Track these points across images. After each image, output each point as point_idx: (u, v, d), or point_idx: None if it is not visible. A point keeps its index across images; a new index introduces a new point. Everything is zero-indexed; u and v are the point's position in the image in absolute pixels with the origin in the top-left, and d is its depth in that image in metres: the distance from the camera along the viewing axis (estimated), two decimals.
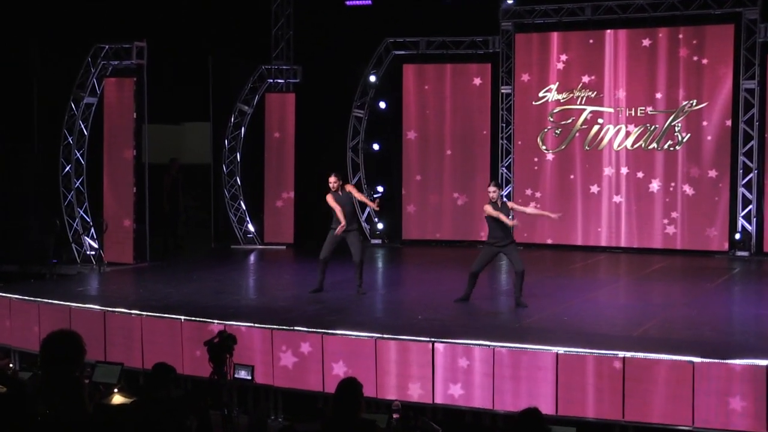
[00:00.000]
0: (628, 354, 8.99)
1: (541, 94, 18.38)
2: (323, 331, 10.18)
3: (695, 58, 17.21)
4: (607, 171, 17.92)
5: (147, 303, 11.84)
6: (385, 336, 9.92)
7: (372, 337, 9.91)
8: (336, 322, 10.74)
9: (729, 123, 17.03)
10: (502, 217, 11.69)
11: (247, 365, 8.29)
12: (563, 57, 18.18)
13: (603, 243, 18.00)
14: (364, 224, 19.52)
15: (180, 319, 10.89)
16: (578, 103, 18.11)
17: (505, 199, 12.02)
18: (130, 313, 11.27)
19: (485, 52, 18.95)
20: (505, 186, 18.94)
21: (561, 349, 9.22)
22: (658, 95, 17.50)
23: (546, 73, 18.35)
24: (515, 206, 12.13)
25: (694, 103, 17.21)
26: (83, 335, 5.44)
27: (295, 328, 10.33)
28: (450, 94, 19.07)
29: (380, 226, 19.37)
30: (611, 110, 17.86)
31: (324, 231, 19.97)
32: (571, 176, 18.16)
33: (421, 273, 15.64)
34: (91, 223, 16.13)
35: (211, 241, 18.92)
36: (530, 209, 12.71)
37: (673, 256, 17.15)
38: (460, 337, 9.82)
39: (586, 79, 17.99)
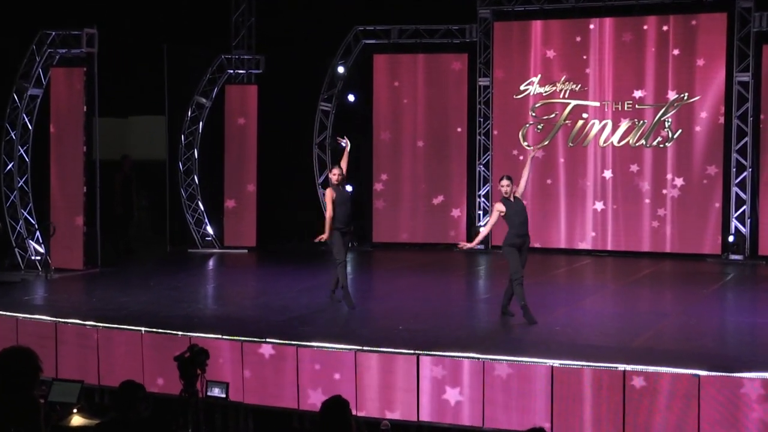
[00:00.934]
0: (629, 367, 8.95)
1: (522, 87, 18.37)
2: (297, 343, 10.05)
3: (686, 50, 17.28)
4: (592, 169, 17.95)
5: (102, 313, 11.64)
6: (365, 348, 9.80)
7: (351, 349, 9.80)
8: (310, 333, 10.62)
9: (722, 118, 17.13)
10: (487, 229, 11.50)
11: (221, 382, 8.14)
12: (545, 47, 18.19)
13: (587, 246, 18.04)
14: None
15: (140, 330, 10.71)
16: (561, 96, 18.13)
17: (516, 195, 11.86)
18: (85, 325, 11.06)
19: (462, 42, 18.93)
20: (483, 185, 18.93)
21: (556, 362, 9.17)
22: (647, 88, 17.56)
23: (527, 64, 18.35)
24: (518, 189, 11.93)
25: (684, 97, 17.29)
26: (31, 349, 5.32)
27: (267, 340, 10.18)
28: (424, 86, 19.03)
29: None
30: (597, 104, 17.91)
31: (289, 233, 20.14)
32: (554, 175, 18.17)
33: (394, 279, 15.55)
34: (36, 226, 15.84)
35: (167, 244, 18.70)
36: (525, 171, 12.41)
37: (662, 259, 17.23)
38: (447, 349, 9.73)
39: (569, 71, 18.01)
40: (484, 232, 11.79)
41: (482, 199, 18.99)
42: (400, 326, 11.10)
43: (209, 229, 18.76)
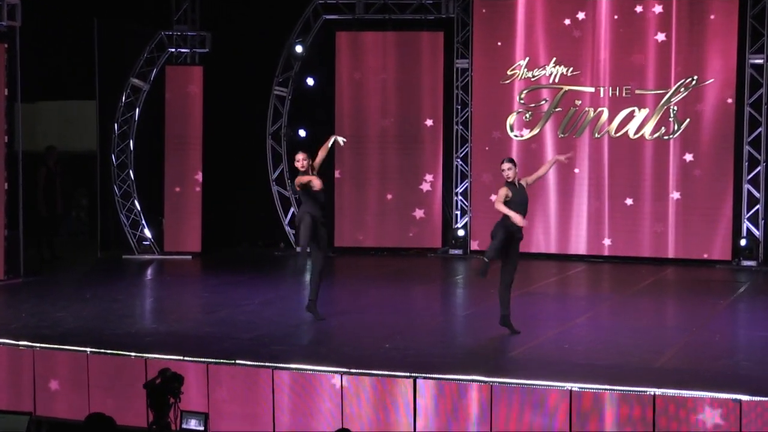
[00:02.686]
0: (659, 391, 8.86)
1: (509, 72, 18.26)
2: (273, 365, 9.84)
3: (693, 28, 17.31)
4: (586, 163, 17.92)
5: (36, 331, 11.36)
6: (353, 371, 9.62)
7: (338, 372, 9.61)
8: (285, 353, 10.43)
9: (733, 106, 17.19)
10: (508, 212, 11.43)
11: (199, 413, 7.92)
12: (533, 25, 18.12)
13: (581, 251, 18.01)
14: (287, 228, 19.21)
15: (86, 351, 10.42)
16: (551, 81, 18.08)
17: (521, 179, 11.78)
18: (17, 345, 10.74)
19: (437, 18, 18.82)
20: (460, 182, 18.83)
21: (575, 386, 9.05)
22: (649, 72, 17.56)
23: (511, 45, 18.26)
24: (529, 179, 11.83)
25: (691, 82, 17.32)
26: None
27: (237, 361, 9.96)
28: (393, 68, 18.87)
29: None
30: (591, 90, 17.88)
31: (239, 236, 19.91)
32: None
33: (365, 289, 15.44)
34: None
35: (97, 250, 18.36)
36: (543, 168, 12.35)
37: (665, 266, 17.26)
38: (446, 371, 9.59)
39: (560, 52, 17.96)
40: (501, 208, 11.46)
41: (459, 197, 18.88)
42: (387, 344, 10.94)
43: (147, 232, 18.44)
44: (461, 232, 18.59)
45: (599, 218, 17.84)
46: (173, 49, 18.63)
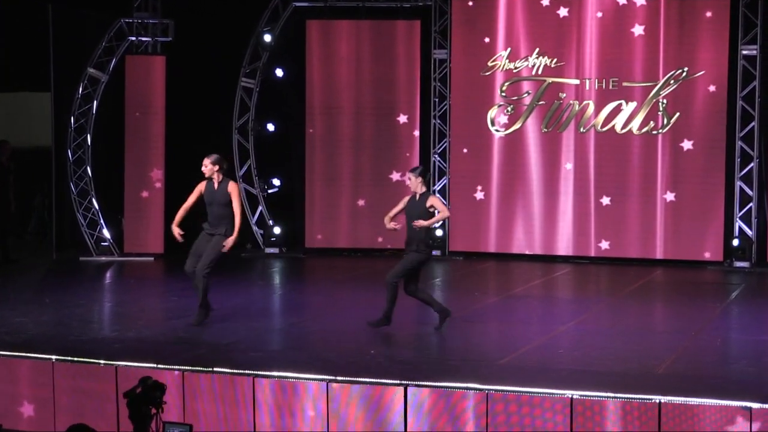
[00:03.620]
0: (664, 398, 8.86)
1: (490, 63, 18.24)
2: (253, 372, 9.76)
3: (683, 17, 17.36)
4: (571, 159, 17.94)
5: None
6: (339, 379, 9.55)
7: (323, 380, 9.54)
8: (263, 359, 10.36)
9: (725, 99, 17.26)
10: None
11: (183, 424, 7.79)
12: (515, 13, 18.12)
13: (564, 251, 18.04)
14: (255, 228, 19.10)
15: (51, 359, 10.29)
16: (534, 73, 18.08)
17: (430, 197, 11.94)
18: None
19: (413, 6, 18.80)
20: (439, 179, 18.80)
21: (576, 393, 9.04)
22: (637, 63, 17.60)
23: (493, 34, 18.24)
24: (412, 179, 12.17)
25: (681, 74, 17.38)
26: None
27: (216, 369, 9.87)
28: (367, 59, 18.81)
29: (276, 230, 18.94)
30: (576, 82, 17.91)
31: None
32: (524, 166, 18.12)
33: (338, 292, 15.41)
34: None
35: (53, 251, 18.18)
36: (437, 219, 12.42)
37: (653, 267, 17.32)
38: (437, 377, 9.55)
39: (543, 42, 17.97)
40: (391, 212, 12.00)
41: (437, 195, 18.81)
42: (372, 351, 10.89)
43: (105, 233, 18.26)
44: (439, 232, 18.54)
45: (585, 217, 17.86)
46: (134, 38, 18.46)
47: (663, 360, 10.48)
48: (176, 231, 12.18)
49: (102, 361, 10.18)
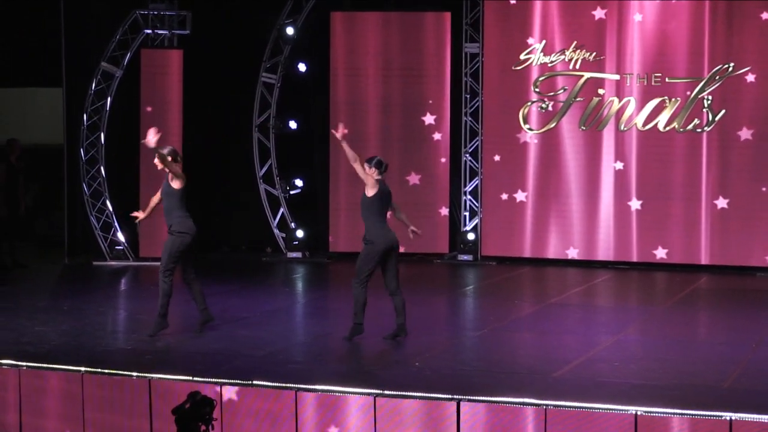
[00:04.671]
0: (735, 415, 8.80)
1: (522, 57, 18.22)
2: (296, 386, 9.72)
3: (732, 12, 17.30)
4: (611, 159, 17.88)
5: (19, 348, 11.19)
6: (386, 393, 9.51)
7: (370, 393, 9.49)
8: (304, 372, 10.33)
9: None
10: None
11: None
12: (552, 4, 18.06)
13: (603, 257, 17.98)
14: (276, 231, 19.08)
15: (79, 370, 10.25)
16: (572, 67, 18.04)
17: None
18: (1, 364, 10.56)
19: None
20: (470, 180, 18.76)
21: (640, 409, 8.98)
22: (681, 57, 17.54)
23: (527, 26, 18.20)
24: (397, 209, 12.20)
25: (729, 68, 17.32)
26: None
27: (254, 382, 9.83)
28: (394, 53, 18.77)
29: (299, 234, 18.91)
30: (616, 77, 17.86)
31: (221, 239, 19.74)
32: (561, 166, 18.07)
33: (373, 298, 15.18)
34: None
35: (64, 256, 18.17)
36: (403, 215, 12.40)
37: (697, 273, 17.25)
38: (489, 391, 9.50)
39: (582, 34, 17.91)
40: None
41: (469, 197, 18.83)
42: (416, 363, 10.85)
43: (120, 236, 18.25)
44: (471, 236, 18.51)
45: (625, 221, 17.79)
46: (149, 31, 18.44)
47: (727, 374, 10.40)
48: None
49: (135, 374, 10.13)
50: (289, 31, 18.73)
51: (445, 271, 18.22)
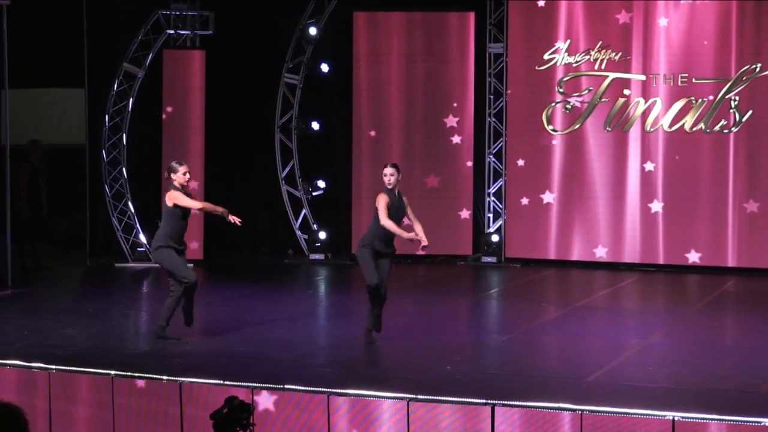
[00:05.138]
0: None
1: (546, 56, 18.18)
2: (328, 390, 9.69)
3: (760, 6, 17.22)
4: (636, 160, 17.82)
5: (47, 351, 11.19)
6: (420, 397, 9.47)
7: (403, 398, 9.46)
8: (334, 375, 10.34)
9: None
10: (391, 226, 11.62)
11: None
12: (577, 5, 18.01)
13: (629, 259, 17.92)
14: (299, 233, 19.06)
15: (109, 374, 10.24)
16: (597, 68, 17.99)
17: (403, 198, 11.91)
18: (30, 367, 10.56)
19: None
20: (494, 181, 18.72)
21: (677, 414, 8.93)
22: (707, 58, 17.47)
23: (552, 26, 18.16)
24: (410, 211, 12.12)
25: (756, 69, 17.26)
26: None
27: (286, 386, 9.81)
28: (417, 53, 18.73)
29: (322, 236, 18.88)
30: (642, 78, 17.79)
31: (242, 242, 19.72)
32: (586, 168, 18.01)
33: (398, 301, 15.19)
34: None
35: (86, 257, 18.18)
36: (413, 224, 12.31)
37: (724, 275, 17.18)
38: (523, 396, 9.47)
39: (607, 34, 17.86)
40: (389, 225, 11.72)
41: (492, 198, 18.78)
42: (448, 366, 10.83)
43: (142, 238, 18.25)
44: (495, 238, 18.47)
45: (652, 222, 17.73)
46: (171, 31, 18.45)
47: (763, 378, 10.36)
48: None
49: (165, 377, 10.12)
50: (312, 31, 18.70)
51: (469, 273, 18.18)
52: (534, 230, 18.26)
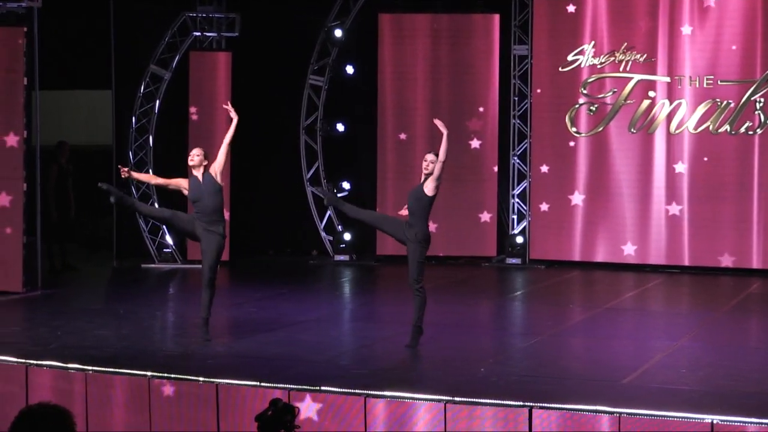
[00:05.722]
0: None
1: (570, 58, 18.14)
2: (365, 392, 9.65)
3: None
4: (661, 162, 17.77)
5: (82, 352, 11.15)
6: (457, 399, 9.44)
7: (440, 400, 9.42)
8: (369, 377, 10.27)
9: None
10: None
11: None
12: (601, 4, 17.96)
13: (654, 260, 17.86)
14: (323, 234, 19.03)
15: (145, 375, 10.22)
16: (622, 69, 17.94)
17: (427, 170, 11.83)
18: (67, 368, 10.54)
19: None
20: (519, 183, 18.69)
21: (716, 418, 8.88)
22: (733, 60, 17.40)
23: (577, 27, 18.11)
24: (432, 164, 11.90)
25: None
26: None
27: (323, 387, 9.77)
28: (442, 55, 18.70)
29: (347, 237, 18.86)
30: (667, 80, 17.74)
31: (265, 243, 19.71)
32: (610, 169, 17.96)
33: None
34: None
35: (113, 258, 18.19)
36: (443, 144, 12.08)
37: (748, 277, 17.11)
38: (559, 398, 9.41)
39: (632, 36, 17.81)
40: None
41: (517, 199, 18.74)
42: (482, 368, 10.79)
43: (168, 239, 18.25)
44: (519, 239, 18.43)
45: (675, 224, 17.67)
46: (198, 33, 18.44)
47: None
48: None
49: (201, 378, 10.10)
50: (337, 33, 18.68)
51: (494, 274, 18.15)
52: (558, 232, 18.22)
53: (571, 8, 18.05)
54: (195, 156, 12.04)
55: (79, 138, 20.21)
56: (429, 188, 11.61)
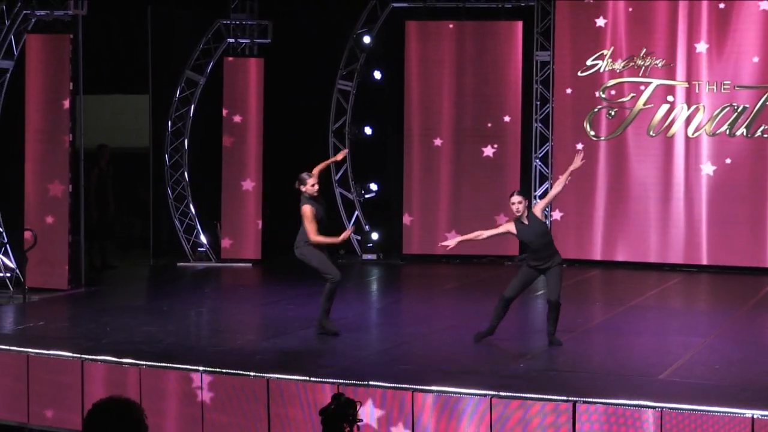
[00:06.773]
0: None
1: (589, 63, 18.08)
2: (413, 387, 9.61)
3: None
4: (680, 165, 17.70)
5: (134, 347, 11.15)
6: (502, 394, 9.40)
7: (485, 395, 9.38)
8: (416, 372, 10.24)
9: None
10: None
11: None
12: (621, 11, 17.89)
13: (673, 260, 17.78)
14: (352, 234, 18.96)
15: (197, 369, 10.19)
16: (640, 74, 17.87)
17: (534, 209, 11.83)
18: (121, 363, 10.52)
19: (515, 6, 18.58)
20: (540, 184, 18.62)
21: (756, 413, 8.83)
22: (752, 68, 17.30)
23: (597, 33, 18.03)
24: (543, 202, 12.27)
25: None
26: (42, 392, 4.93)
27: (370, 383, 9.73)
28: (467, 61, 18.63)
29: (374, 236, 18.83)
30: (685, 85, 17.65)
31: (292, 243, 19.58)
32: (628, 173, 17.89)
33: (457, 300, 15.29)
34: (4, 236, 15.26)
35: (150, 257, 18.15)
36: (562, 180, 12.21)
37: (764, 276, 17.02)
38: (600, 393, 9.39)
39: (651, 41, 17.73)
40: (482, 234, 12.07)
41: (539, 200, 18.64)
42: (521, 364, 10.75)
43: (202, 238, 18.20)
44: None
45: (695, 224, 17.59)
46: (231, 40, 18.36)
47: None
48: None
49: (252, 373, 10.06)
50: (366, 39, 18.63)
51: (516, 273, 17.99)
52: (579, 232, 18.15)
53: (591, 16, 17.98)
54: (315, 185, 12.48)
55: (123, 141, 20.17)
56: (541, 216, 11.96)
